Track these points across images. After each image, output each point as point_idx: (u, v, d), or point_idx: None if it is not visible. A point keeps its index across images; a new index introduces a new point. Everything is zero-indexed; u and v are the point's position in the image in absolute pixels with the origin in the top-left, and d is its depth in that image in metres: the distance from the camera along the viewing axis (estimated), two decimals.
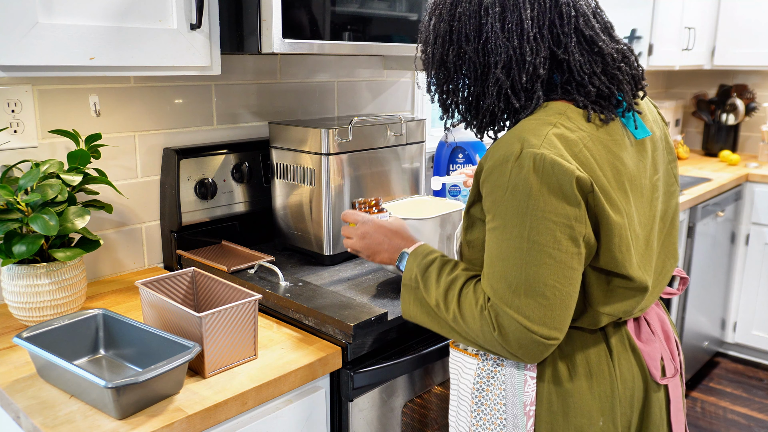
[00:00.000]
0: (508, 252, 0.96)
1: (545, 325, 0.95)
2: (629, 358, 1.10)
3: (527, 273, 0.94)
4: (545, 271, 0.94)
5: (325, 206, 1.56)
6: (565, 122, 0.98)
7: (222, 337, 1.12)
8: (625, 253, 1.00)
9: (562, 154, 0.93)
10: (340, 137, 1.54)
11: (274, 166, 1.67)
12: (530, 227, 0.94)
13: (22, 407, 1.01)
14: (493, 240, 0.98)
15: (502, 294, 0.96)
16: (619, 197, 0.99)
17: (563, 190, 0.93)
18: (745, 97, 3.56)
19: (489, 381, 1.11)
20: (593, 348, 1.08)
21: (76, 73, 1.15)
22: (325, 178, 1.55)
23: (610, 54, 1.02)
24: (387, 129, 1.68)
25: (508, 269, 0.96)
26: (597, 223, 0.97)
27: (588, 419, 1.07)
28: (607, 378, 1.07)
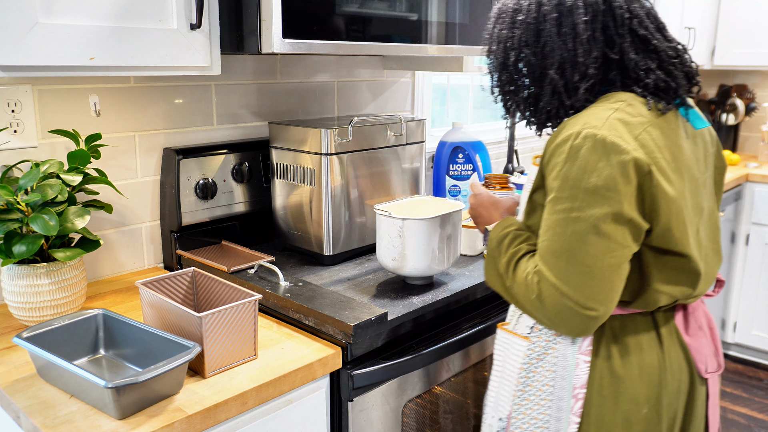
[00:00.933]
0: (558, 221, 1.02)
1: (582, 294, 1.00)
2: (677, 351, 1.14)
3: (572, 242, 1.00)
4: (590, 242, 0.99)
5: (325, 206, 1.56)
6: (626, 108, 1.05)
7: (222, 337, 1.12)
8: (683, 231, 1.05)
9: (621, 135, 1.00)
10: (340, 137, 1.54)
11: (274, 166, 1.67)
12: (582, 200, 1.00)
13: (22, 407, 1.01)
14: (546, 211, 1.05)
15: (546, 260, 1.03)
16: (677, 179, 1.05)
17: (619, 169, 0.98)
18: (745, 97, 3.56)
19: (538, 363, 1.15)
20: (645, 336, 1.12)
21: (76, 73, 1.15)
22: (325, 178, 1.54)
23: (664, 51, 1.10)
24: (387, 129, 1.68)
25: (555, 237, 1.02)
26: (654, 202, 1.01)
27: (635, 405, 1.11)
28: (657, 367, 1.12)
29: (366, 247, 1.68)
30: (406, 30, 1.53)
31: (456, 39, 1.65)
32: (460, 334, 1.43)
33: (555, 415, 1.13)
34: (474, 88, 2.80)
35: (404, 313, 1.30)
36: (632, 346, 1.11)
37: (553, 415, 1.13)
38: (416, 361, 1.33)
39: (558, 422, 1.13)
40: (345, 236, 1.61)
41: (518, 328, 1.20)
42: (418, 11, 1.54)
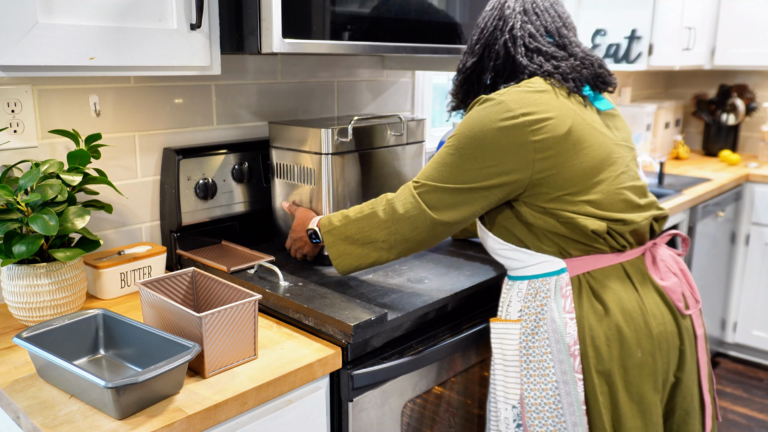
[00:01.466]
0: (440, 155, 1.26)
1: (432, 201, 1.24)
2: (653, 295, 1.26)
3: (443, 171, 1.24)
4: (458, 173, 1.22)
5: (325, 206, 1.56)
6: (529, 84, 1.24)
7: (222, 337, 1.12)
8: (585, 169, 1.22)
9: (517, 102, 1.20)
10: (339, 137, 1.54)
11: (274, 166, 1.66)
12: (467, 143, 1.21)
13: (22, 407, 1.01)
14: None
15: (418, 177, 1.28)
16: (579, 132, 1.22)
17: (508, 130, 1.18)
18: (746, 97, 3.56)
19: (533, 338, 1.25)
20: (620, 285, 1.23)
21: (76, 73, 1.15)
22: (326, 177, 1.54)
23: (557, 56, 1.30)
24: (387, 129, 1.68)
25: (434, 165, 1.26)
26: (546, 157, 1.19)
27: (627, 351, 1.21)
28: (639, 312, 1.22)
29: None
30: (406, 30, 1.52)
31: (456, 39, 1.65)
32: (460, 334, 1.43)
33: (562, 379, 1.21)
34: None
35: (404, 313, 1.30)
36: (610, 296, 1.22)
37: (559, 378, 1.21)
38: (416, 361, 1.33)
39: (566, 385, 1.21)
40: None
41: (509, 316, 1.30)
42: (418, 11, 1.54)
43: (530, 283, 1.28)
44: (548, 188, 1.20)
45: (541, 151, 1.18)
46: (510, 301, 1.31)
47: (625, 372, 1.21)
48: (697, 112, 3.71)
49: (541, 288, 1.26)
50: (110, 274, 1.44)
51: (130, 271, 1.47)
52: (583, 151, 1.21)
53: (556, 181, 1.20)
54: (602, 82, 1.33)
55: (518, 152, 1.18)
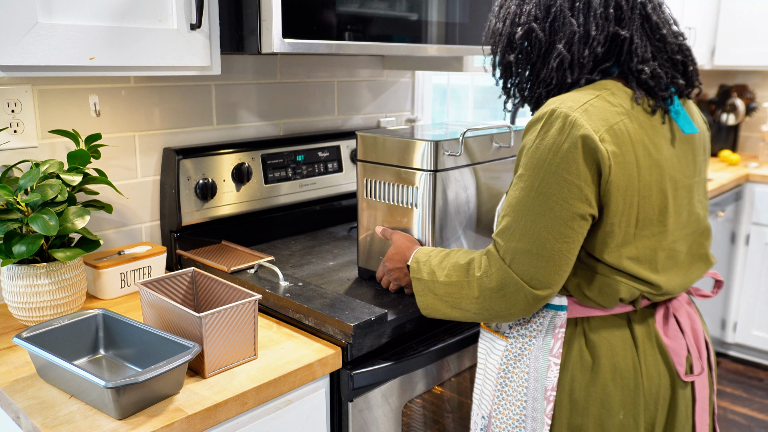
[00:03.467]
0: (518, 200, 1.03)
1: (528, 272, 1.02)
2: (655, 354, 1.11)
3: (526, 221, 1.02)
4: (543, 222, 1.00)
5: (427, 231, 1.36)
6: (608, 96, 1.04)
7: (222, 338, 1.12)
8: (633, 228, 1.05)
9: (593, 122, 0.99)
10: (449, 150, 1.34)
11: (365, 184, 1.44)
12: (542, 179, 1.00)
13: (22, 407, 1.01)
14: (512, 188, 1.05)
15: (500, 237, 1.05)
16: (645, 176, 1.03)
17: (582, 154, 0.98)
18: (745, 97, 3.56)
19: (515, 363, 1.16)
20: (619, 340, 1.10)
21: (76, 73, 1.15)
22: (428, 197, 1.33)
23: (670, 44, 1.09)
24: (492, 139, 1.47)
25: (513, 216, 1.03)
26: (608, 194, 1.01)
27: (608, 410, 1.09)
28: (632, 372, 1.09)
29: None
30: (406, 30, 1.52)
31: (456, 39, 1.65)
32: (460, 334, 1.43)
33: (531, 415, 1.14)
34: (474, 88, 2.80)
35: (404, 313, 1.30)
36: (604, 349, 1.09)
37: (528, 415, 1.14)
38: (416, 361, 1.32)
39: (534, 422, 1.13)
40: None
41: (500, 327, 1.22)
42: (418, 11, 1.54)
43: None
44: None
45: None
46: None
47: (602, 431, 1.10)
48: None
49: (535, 317, 1.15)
50: (110, 274, 1.44)
51: (130, 271, 1.47)
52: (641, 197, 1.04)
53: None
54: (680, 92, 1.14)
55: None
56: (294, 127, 1.92)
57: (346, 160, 1.94)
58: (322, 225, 1.92)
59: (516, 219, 1.03)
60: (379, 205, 1.42)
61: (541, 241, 1.01)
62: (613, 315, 1.11)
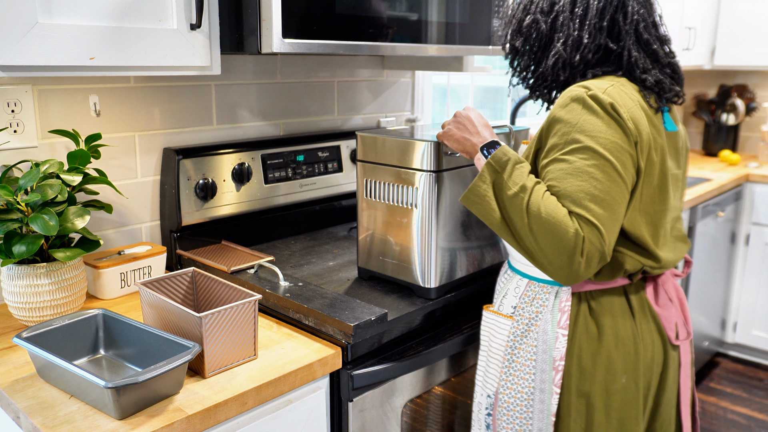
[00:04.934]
0: (582, 169, 1.06)
1: (609, 235, 1.07)
2: (649, 323, 1.23)
3: (598, 186, 1.06)
4: (614, 187, 1.07)
5: (430, 231, 1.35)
6: (620, 86, 1.14)
7: (222, 338, 1.12)
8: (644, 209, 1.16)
9: (622, 102, 1.10)
10: (449, 151, 1.33)
11: (365, 184, 1.44)
12: (602, 147, 1.06)
13: (22, 407, 1.01)
14: (563, 165, 1.08)
15: (582, 203, 1.05)
16: (650, 162, 1.14)
17: (621, 125, 1.08)
18: (745, 97, 3.56)
19: (522, 339, 1.24)
20: (618, 309, 1.20)
21: (76, 73, 1.15)
22: (429, 198, 1.33)
23: (661, 59, 1.22)
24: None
25: (583, 183, 1.06)
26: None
27: (612, 375, 1.19)
28: (632, 340, 1.20)
29: (471, 276, 1.48)
30: (406, 30, 1.52)
31: (456, 39, 1.65)
32: (460, 334, 1.43)
33: (539, 387, 1.22)
34: (474, 88, 2.80)
35: (404, 313, 1.30)
36: (607, 319, 1.20)
37: (537, 386, 1.22)
38: (416, 361, 1.33)
39: (542, 393, 1.21)
40: (450, 266, 1.41)
41: (503, 308, 1.30)
42: (418, 11, 1.54)
43: (530, 284, 1.25)
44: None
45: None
46: (506, 293, 1.30)
47: (608, 396, 1.20)
48: (697, 112, 3.71)
49: (539, 294, 1.23)
50: (110, 274, 1.44)
51: (130, 271, 1.47)
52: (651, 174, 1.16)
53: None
54: (674, 95, 1.24)
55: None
56: (294, 127, 1.92)
57: (346, 160, 1.94)
58: (322, 225, 1.92)
59: (588, 184, 1.06)
60: (379, 205, 1.42)
61: (615, 204, 1.07)
62: (612, 288, 1.21)
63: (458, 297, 1.43)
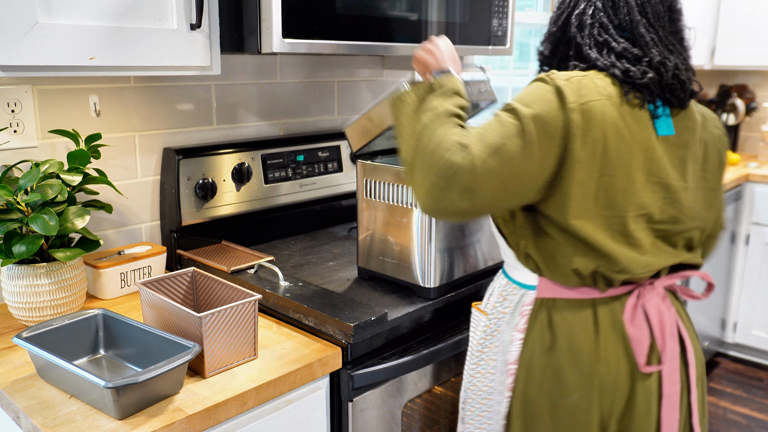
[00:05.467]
0: (498, 120, 1.05)
1: (479, 176, 1.00)
2: (617, 341, 1.12)
3: (495, 132, 1.03)
4: (509, 143, 1.02)
5: (427, 232, 1.35)
6: (595, 78, 1.08)
7: (222, 337, 1.12)
8: (583, 208, 1.07)
9: (575, 90, 1.05)
10: None
11: (365, 184, 1.44)
12: (527, 114, 1.03)
13: (22, 407, 1.01)
14: (490, 119, 1.09)
15: (475, 143, 1.03)
16: (611, 157, 1.06)
17: (562, 109, 1.03)
18: (745, 97, 3.56)
19: (491, 339, 1.22)
20: (580, 323, 1.12)
21: (76, 73, 1.15)
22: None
23: (671, 52, 1.13)
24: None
25: (488, 126, 1.05)
26: (566, 165, 1.04)
27: (561, 390, 1.12)
28: (588, 354, 1.11)
29: (471, 276, 1.48)
30: (406, 30, 1.52)
31: (456, 39, 1.65)
32: (460, 334, 1.43)
33: (498, 389, 1.20)
34: None
35: (404, 313, 1.30)
36: (563, 330, 1.12)
37: (496, 388, 1.20)
38: (416, 361, 1.33)
39: (500, 395, 1.20)
40: (450, 266, 1.41)
41: (486, 306, 1.27)
42: (418, 11, 1.54)
43: (507, 284, 1.23)
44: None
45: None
46: (492, 291, 1.28)
47: (554, 410, 1.13)
48: None
49: (510, 294, 1.21)
50: (110, 274, 1.44)
51: (130, 271, 1.47)
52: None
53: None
54: (673, 96, 1.12)
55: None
56: (294, 127, 1.92)
57: (346, 160, 1.94)
58: (322, 225, 1.92)
59: (490, 134, 1.04)
60: (379, 205, 1.42)
61: (502, 150, 1.03)
62: (579, 299, 1.13)
63: (458, 297, 1.43)
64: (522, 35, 3.04)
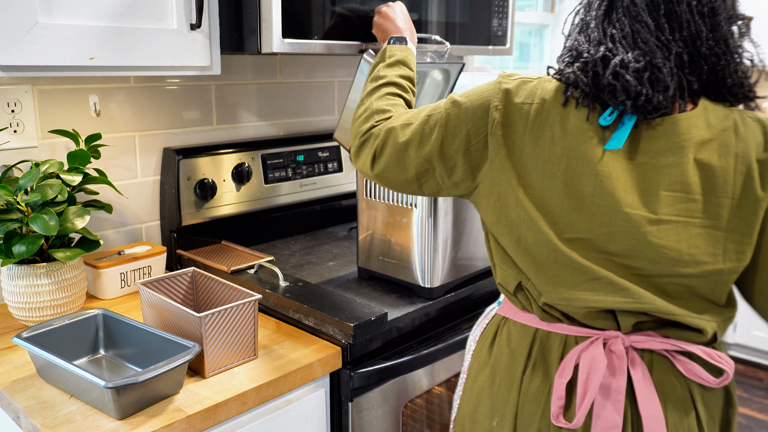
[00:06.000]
0: (417, 110, 1.06)
1: (388, 133, 1.04)
2: (542, 384, 0.96)
3: (419, 112, 1.04)
4: (422, 120, 1.02)
5: (428, 231, 1.35)
6: (540, 81, 0.96)
7: (222, 337, 1.12)
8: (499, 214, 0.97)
9: (522, 90, 0.95)
10: None
11: (365, 184, 1.43)
12: (459, 102, 0.99)
13: (22, 407, 1.01)
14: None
15: (394, 121, 1.06)
16: (531, 166, 0.92)
17: (483, 103, 0.96)
18: None
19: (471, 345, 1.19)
20: (515, 350, 1.00)
21: (76, 73, 1.15)
22: (432, 198, 1.32)
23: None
24: None
25: (411, 114, 1.05)
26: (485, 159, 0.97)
27: (485, 411, 1.02)
28: (508, 383, 0.99)
29: (471, 276, 1.48)
30: None
31: (456, 39, 1.65)
32: (461, 334, 1.43)
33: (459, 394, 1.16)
34: None
35: (404, 313, 1.30)
36: (498, 351, 1.02)
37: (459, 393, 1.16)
38: (416, 361, 1.32)
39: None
40: (450, 266, 1.41)
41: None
42: (418, 11, 1.54)
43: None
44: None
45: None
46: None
47: (473, 427, 1.05)
48: None
49: (488, 308, 1.16)
50: (110, 274, 1.44)
51: (130, 271, 1.47)
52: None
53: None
54: (614, 100, 0.88)
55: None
56: (294, 127, 1.92)
57: (346, 160, 1.94)
58: (322, 225, 1.92)
59: (409, 117, 1.04)
60: (379, 205, 1.42)
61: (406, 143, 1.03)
62: (525, 324, 1.00)
63: (458, 297, 1.43)
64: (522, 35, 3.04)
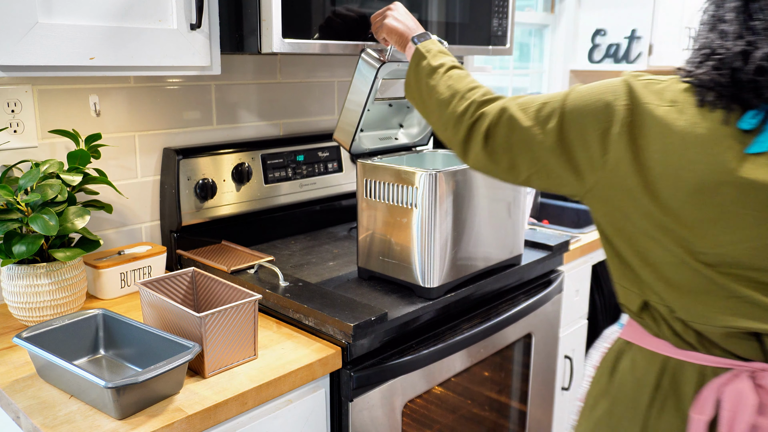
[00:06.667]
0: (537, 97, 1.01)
1: (502, 114, 1.00)
2: (680, 414, 0.89)
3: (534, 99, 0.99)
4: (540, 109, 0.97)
5: (429, 231, 1.34)
6: (672, 82, 0.88)
7: (222, 337, 1.12)
8: (627, 209, 0.87)
9: (646, 90, 0.87)
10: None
11: (365, 184, 1.43)
12: (554, 94, 0.97)
13: (22, 407, 1.01)
14: None
15: (512, 104, 1.01)
16: (652, 168, 0.84)
17: (607, 100, 0.88)
18: None
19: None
20: (638, 378, 0.93)
21: (76, 73, 1.15)
22: (429, 197, 1.32)
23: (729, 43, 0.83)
24: None
25: (529, 101, 1.00)
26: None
27: None
28: (631, 416, 0.93)
29: (471, 276, 1.48)
30: None
31: (456, 39, 1.65)
32: (460, 334, 1.43)
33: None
34: None
35: (404, 313, 1.30)
36: (624, 382, 0.95)
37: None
38: (416, 361, 1.33)
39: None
40: (450, 266, 1.40)
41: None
42: (418, 11, 1.54)
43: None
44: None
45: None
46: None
47: None
48: None
49: (607, 330, 1.15)
50: (110, 274, 1.44)
51: (130, 271, 1.47)
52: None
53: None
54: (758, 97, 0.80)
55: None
56: (294, 127, 1.92)
57: (346, 160, 1.94)
58: (322, 225, 1.92)
59: (527, 102, 1.00)
60: (379, 205, 1.42)
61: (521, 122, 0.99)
62: (654, 351, 0.92)
63: (458, 297, 1.43)
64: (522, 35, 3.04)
